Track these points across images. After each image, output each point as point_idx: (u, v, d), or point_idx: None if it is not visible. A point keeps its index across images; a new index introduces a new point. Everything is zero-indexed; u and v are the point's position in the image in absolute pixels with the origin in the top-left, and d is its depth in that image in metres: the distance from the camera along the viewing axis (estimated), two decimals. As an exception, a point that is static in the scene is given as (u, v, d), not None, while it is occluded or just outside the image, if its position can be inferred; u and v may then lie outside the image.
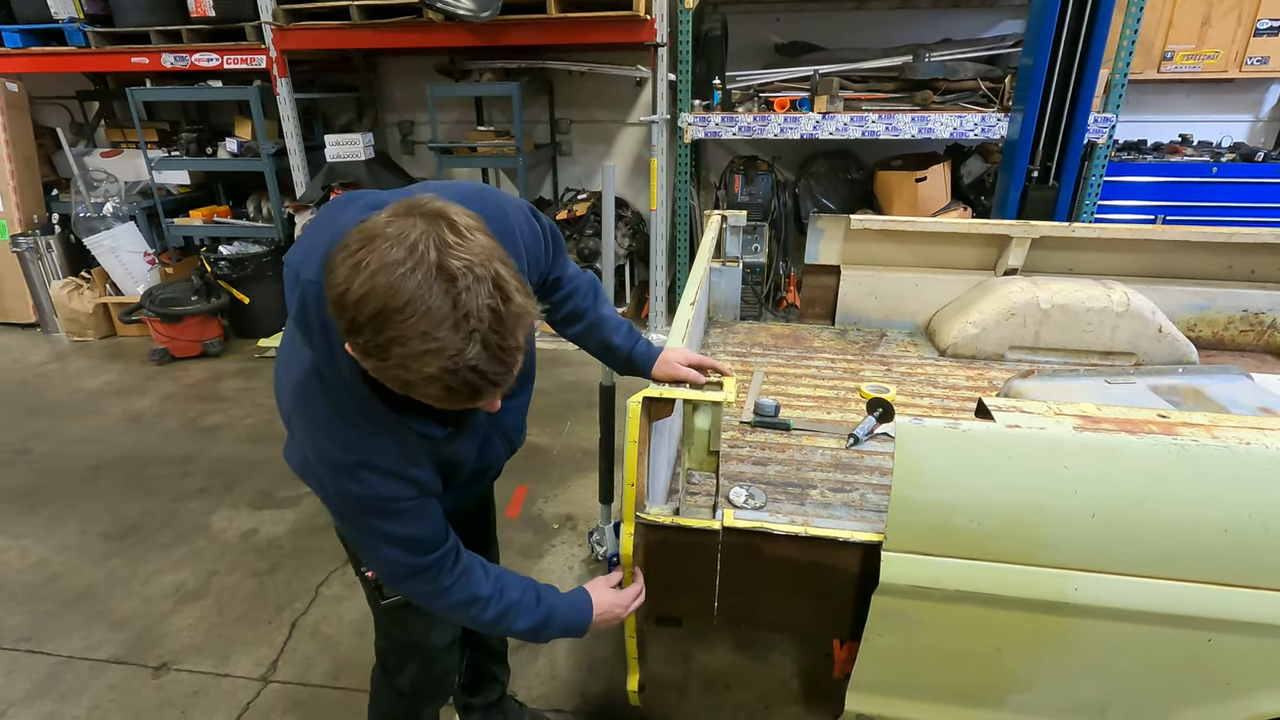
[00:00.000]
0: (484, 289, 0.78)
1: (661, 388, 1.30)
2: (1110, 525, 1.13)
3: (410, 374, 0.79)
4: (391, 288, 0.76)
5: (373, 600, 1.34)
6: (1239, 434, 1.13)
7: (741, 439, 2.07)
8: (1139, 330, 2.47)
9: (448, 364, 0.78)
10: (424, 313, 0.76)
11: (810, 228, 2.96)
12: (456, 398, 0.83)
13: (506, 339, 0.81)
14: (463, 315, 0.77)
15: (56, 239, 4.96)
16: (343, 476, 0.99)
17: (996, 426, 1.17)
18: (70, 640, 2.28)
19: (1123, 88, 3.61)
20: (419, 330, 0.76)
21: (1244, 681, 1.21)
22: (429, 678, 1.47)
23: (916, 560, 1.22)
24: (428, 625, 1.38)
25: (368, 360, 0.82)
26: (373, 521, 1.03)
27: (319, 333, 0.94)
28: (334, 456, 0.99)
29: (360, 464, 0.98)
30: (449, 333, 0.77)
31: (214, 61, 4.49)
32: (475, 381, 0.81)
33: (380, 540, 1.05)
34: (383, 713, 1.53)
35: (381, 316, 0.76)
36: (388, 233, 0.78)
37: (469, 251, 0.79)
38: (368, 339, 0.78)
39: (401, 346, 0.77)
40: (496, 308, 0.79)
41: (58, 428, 3.70)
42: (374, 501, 1.01)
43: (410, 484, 1.02)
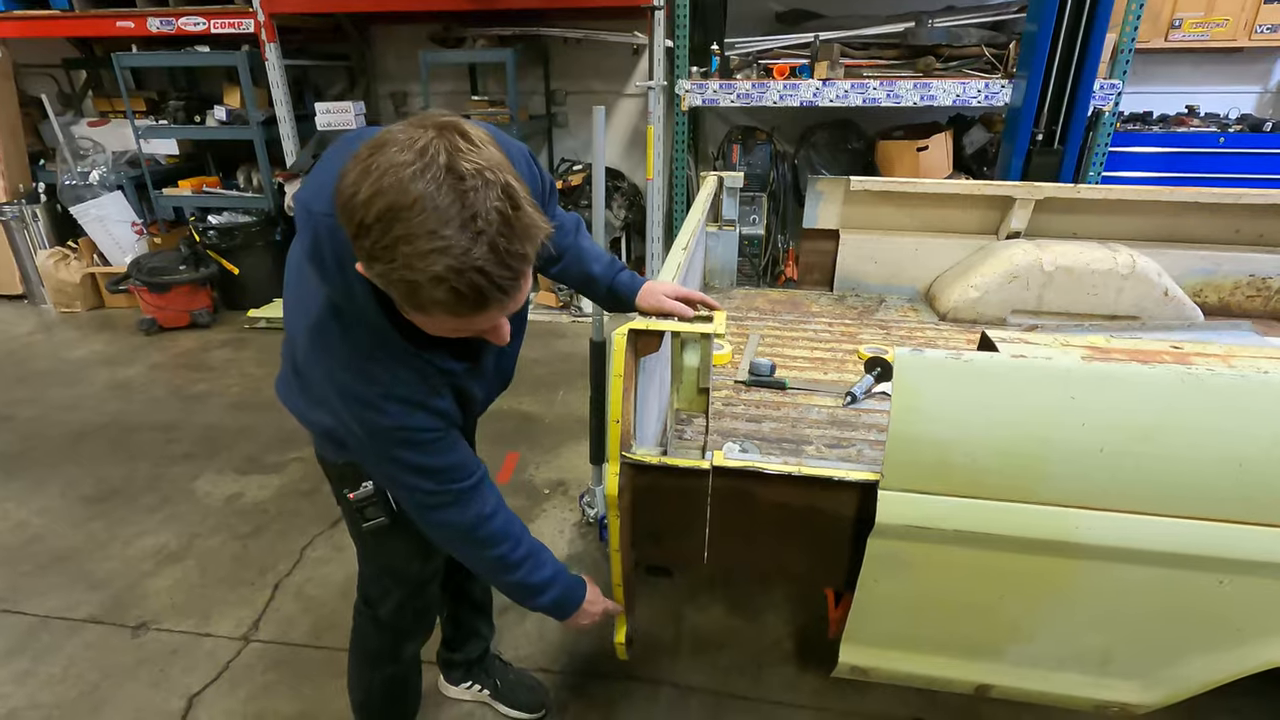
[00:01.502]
0: (493, 193, 0.77)
1: (648, 319, 1.24)
2: (1118, 460, 1.08)
3: (416, 274, 0.77)
4: (400, 186, 0.75)
5: (354, 525, 1.31)
6: (1257, 363, 1.07)
7: (736, 397, 2.01)
8: (1144, 293, 2.41)
9: (454, 263, 0.76)
10: (432, 210, 0.75)
11: (809, 191, 2.89)
12: (463, 304, 0.80)
13: (514, 244, 0.79)
14: (470, 215, 0.76)
15: (42, 208, 4.87)
16: (368, 410, 0.98)
17: (1001, 357, 1.11)
18: (48, 600, 2.23)
19: (1129, 53, 3.53)
20: (426, 228, 0.75)
21: (1256, 627, 1.16)
22: (411, 609, 1.43)
23: (915, 499, 1.16)
24: (410, 552, 1.34)
25: (375, 265, 0.79)
26: (402, 454, 1.03)
27: (333, 266, 0.93)
28: (357, 390, 0.98)
29: (384, 395, 0.98)
30: (456, 231, 0.75)
31: (201, 26, 4.39)
32: (481, 284, 0.78)
33: (409, 472, 1.05)
34: (364, 648, 1.50)
35: (389, 215, 0.75)
36: (399, 139, 0.77)
37: (480, 158, 0.78)
38: (375, 240, 0.77)
39: (408, 245, 0.75)
40: (505, 212, 0.78)
41: (43, 395, 3.64)
42: (400, 432, 1.00)
43: (434, 414, 1.03)
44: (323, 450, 1.28)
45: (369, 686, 1.52)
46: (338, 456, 1.24)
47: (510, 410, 3.35)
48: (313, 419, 1.21)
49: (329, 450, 1.26)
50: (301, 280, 1.01)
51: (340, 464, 1.25)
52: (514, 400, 3.44)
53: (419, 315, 0.85)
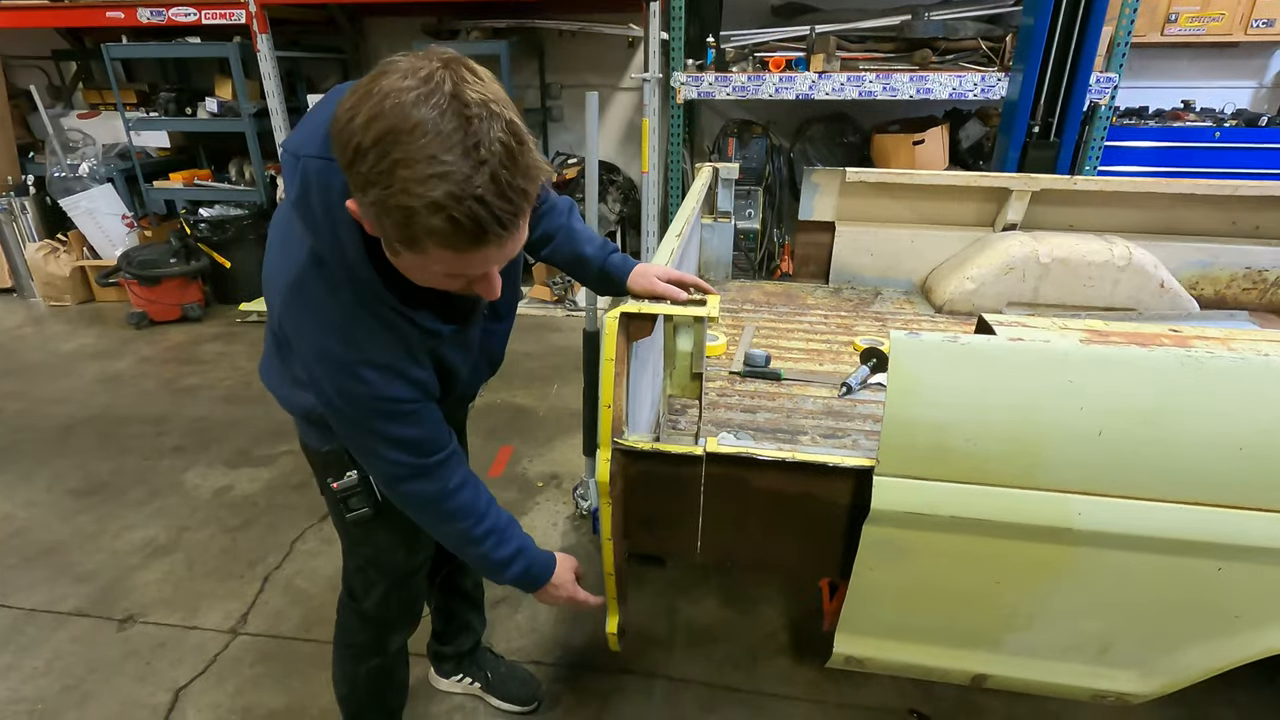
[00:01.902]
0: (498, 124, 0.75)
1: (640, 303, 1.22)
2: (1117, 444, 1.06)
3: (413, 199, 0.73)
4: (401, 110, 0.72)
5: (338, 516, 1.28)
6: (1257, 346, 1.05)
7: (731, 388, 1.99)
8: (1141, 285, 2.40)
9: (454, 189, 0.73)
10: (434, 134, 0.72)
11: (804, 182, 2.88)
12: (461, 235, 0.77)
13: (516, 178, 0.77)
14: (474, 144, 0.73)
15: (31, 201, 4.82)
16: (344, 375, 0.96)
17: (998, 340, 1.09)
18: (33, 594, 2.20)
19: (1126, 46, 3.52)
20: (427, 152, 0.72)
21: (1255, 614, 1.14)
22: (396, 601, 1.41)
23: (910, 485, 1.15)
24: (396, 543, 1.32)
25: (370, 192, 0.76)
26: (376, 424, 1.01)
27: (320, 212, 0.89)
28: (335, 353, 0.95)
29: (362, 361, 0.95)
30: (458, 158, 0.73)
31: (192, 16, 4.34)
32: (480, 214, 0.75)
33: (383, 443, 1.03)
34: (349, 641, 1.47)
35: (389, 138, 0.72)
36: (401, 67, 0.75)
37: (487, 90, 0.76)
38: (371, 164, 0.74)
39: (407, 169, 0.73)
40: (510, 145, 0.76)
41: (31, 388, 3.60)
42: (376, 402, 0.98)
43: (412, 384, 1.00)
44: (306, 438, 1.26)
45: (354, 679, 1.50)
46: (321, 444, 1.22)
47: (504, 404, 3.33)
48: (295, 401, 1.18)
49: (313, 437, 1.24)
50: (286, 238, 0.98)
51: (324, 452, 1.22)
52: (507, 394, 3.42)
53: (411, 255, 0.82)
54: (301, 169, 0.90)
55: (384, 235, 0.82)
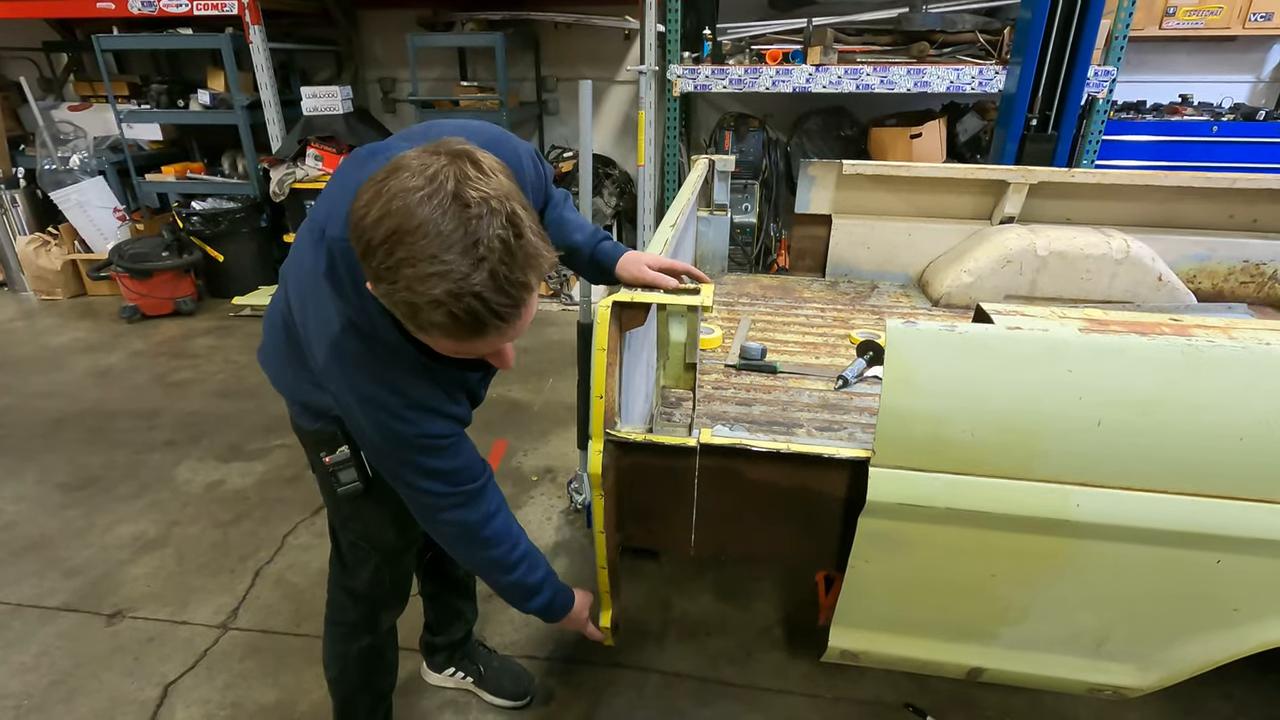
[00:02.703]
0: (497, 221, 0.79)
1: (633, 292, 1.20)
2: (1116, 434, 1.05)
3: (416, 296, 0.79)
4: (407, 210, 0.77)
5: (329, 491, 1.28)
6: (1259, 335, 1.04)
7: (726, 381, 1.98)
8: (1138, 278, 2.39)
9: (453, 288, 0.78)
10: (435, 235, 0.77)
11: (801, 175, 2.86)
12: (461, 329, 0.82)
13: (515, 273, 0.81)
14: (472, 242, 0.78)
15: (22, 194, 4.77)
16: (390, 418, 1.01)
17: (996, 329, 1.08)
18: (20, 588, 2.17)
19: (1124, 40, 3.50)
20: (428, 252, 0.77)
21: (1253, 606, 1.13)
22: (388, 578, 1.41)
23: (906, 476, 1.13)
24: (386, 518, 1.31)
25: (379, 285, 0.82)
26: (419, 459, 1.06)
27: (350, 287, 0.97)
28: (377, 397, 1.01)
29: (407, 404, 1.01)
30: (457, 257, 0.77)
31: (183, 7, 4.30)
32: (479, 310, 0.80)
33: (421, 475, 1.08)
34: (340, 620, 1.46)
35: (394, 237, 0.78)
36: (412, 165, 0.80)
37: (488, 187, 0.80)
38: (380, 261, 0.79)
39: (410, 268, 0.78)
40: (508, 240, 0.80)
41: (20, 382, 3.56)
42: (421, 439, 1.04)
43: (451, 420, 1.07)
44: (299, 418, 1.26)
45: (345, 659, 1.49)
46: (314, 424, 1.22)
47: (499, 398, 3.31)
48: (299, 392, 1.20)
49: (305, 418, 1.23)
50: (318, 292, 1.02)
51: (315, 429, 1.22)
52: (503, 388, 3.40)
53: (422, 335, 0.87)
54: (329, 247, 0.98)
55: (399, 318, 0.87)
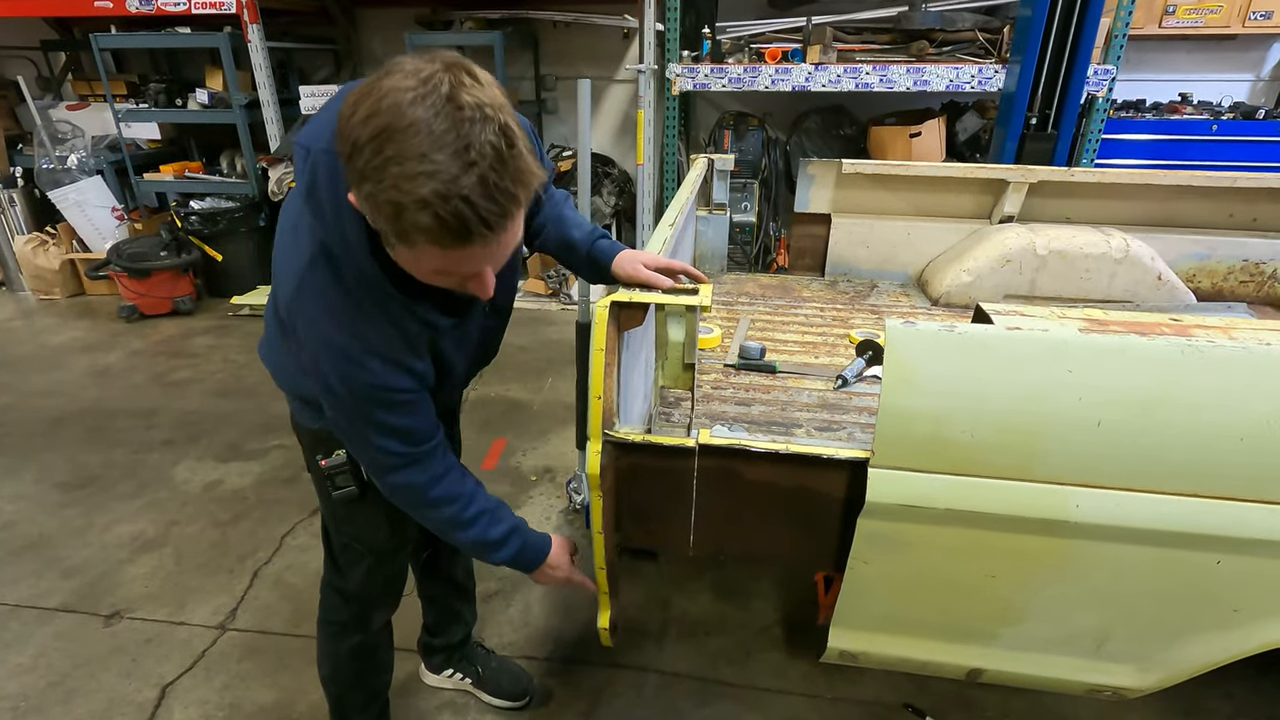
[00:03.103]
0: (490, 128, 0.77)
1: (631, 291, 1.19)
2: (1116, 435, 1.04)
3: (403, 195, 0.75)
4: (397, 108, 0.75)
5: (324, 494, 1.28)
6: (1259, 335, 1.03)
7: (725, 381, 1.97)
8: (1138, 277, 2.38)
9: (441, 188, 0.75)
10: (425, 134, 0.74)
11: (800, 174, 2.85)
12: (446, 234, 0.78)
13: (504, 181, 0.78)
14: (464, 145, 0.75)
15: (20, 193, 4.76)
16: (349, 364, 0.98)
17: (995, 329, 1.07)
18: (18, 588, 2.17)
19: (1123, 39, 3.50)
20: (418, 150, 0.74)
21: (1253, 607, 1.13)
22: (380, 579, 1.40)
23: (906, 477, 1.13)
24: (380, 521, 1.31)
25: (364, 185, 0.78)
26: (374, 412, 1.03)
27: (329, 204, 0.93)
28: (341, 343, 0.97)
29: (367, 351, 0.98)
30: (447, 158, 0.75)
31: (181, 6, 4.29)
32: (466, 215, 0.77)
33: (378, 431, 1.05)
34: (332, 620, 1.46)
35: (383, 136, 0.75)
36: (405, 68, 0.77)
37: (483, 95, 0.78)
38: (366, 160, 0.76)
39: (398, 165, 0.75)
40: (500, 149, 0.77)
41: (19, 381, 3.56)
42: (378, 391, 1.00)
43: (412, 376, 1.03)
44: (299, 415, 1.26)
45: (336, 658, 1.49)
46: (313, 422, 1.22)
47: (498, 397, 3.30)
48: (294, 383, 1.20)
49: (305, 416, 1.23)
50: (295, 227, 0.99)
51: (314, 430, 1.22)
52: (501, 387, 3.39)
53: (404, 249, 0.83)
54: (311, 162, 0.93)
55: (380, 229, 0.84)
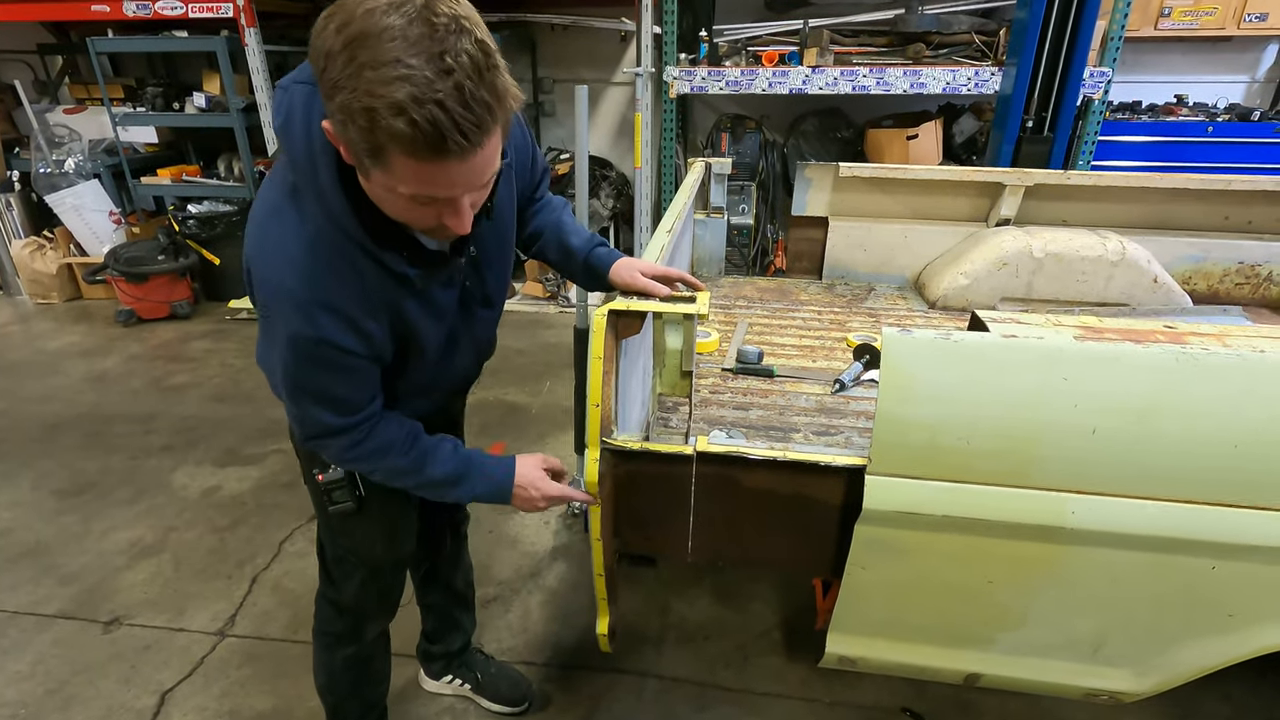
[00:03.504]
0: (468, 39, 0.75)
1: (629, 300, 1.20)
2: (1112, 442, 1.05)
3: (376, 100, 0.73)
4: (371, 17, 0.74)
5: (320, 507, 1.28)
6: (1252, 343, 1.04)
7: (723, 385, 1.98)
8: (1134, 280, 2.39)
9: (416, 92, 0.73)
10: (400, 39, 0.73)
11: (797, 178, 2.86)
12: (421, 142, 0.75)
13: (481, 91, 0.76)
14: (439, 51, 0.74)
15: (16, 197, 4.76)
16: (298, 313, 0.95)
17: (991, 336, 1.08)
18: (16, 595, 2.17)
19: (1119, 41, 3.51)
20: (392, 55, 0.73)
21: (1248, 612, 1.13)
22: (375, 590, 1.40)
23: (902, 484, 1.13)
24: (375, 535, 1.31)
25: (338, 96, 0.76)
26: (314, 373, 1.00)
27: (301, 135, 0.90)
28: (292, 289, 0.94)
29: (317, 302, 0.94)
30: (423, 63, 0.73)
31: (179, 10, 4.28)
32: (441, 120, 0.74)
33: (314, 398, 1.03)
34: (326, 630, 1.46)
35: (357, 42, 0.74)
36: None
37: (460, 9, 0.77)
38: (339, 68, 0.75)
39: (372, 70, 0.73)
40: (477, 58, 0.75)
41: (16, 387, 3.56)
42: (323, 347, 0.96)
43: (362, 337, 0.99)
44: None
45: (331, 667, 1.49)
46: None
47: (496, 401, 3.31)
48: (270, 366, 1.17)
49: None
50: (269, 181, 0.98)
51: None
52: (499, 390, 3.39)
53: (378, 172, 0.81)
54: (289, 94, 0.92)
55: (353, 151, 0.81)
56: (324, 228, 0.93)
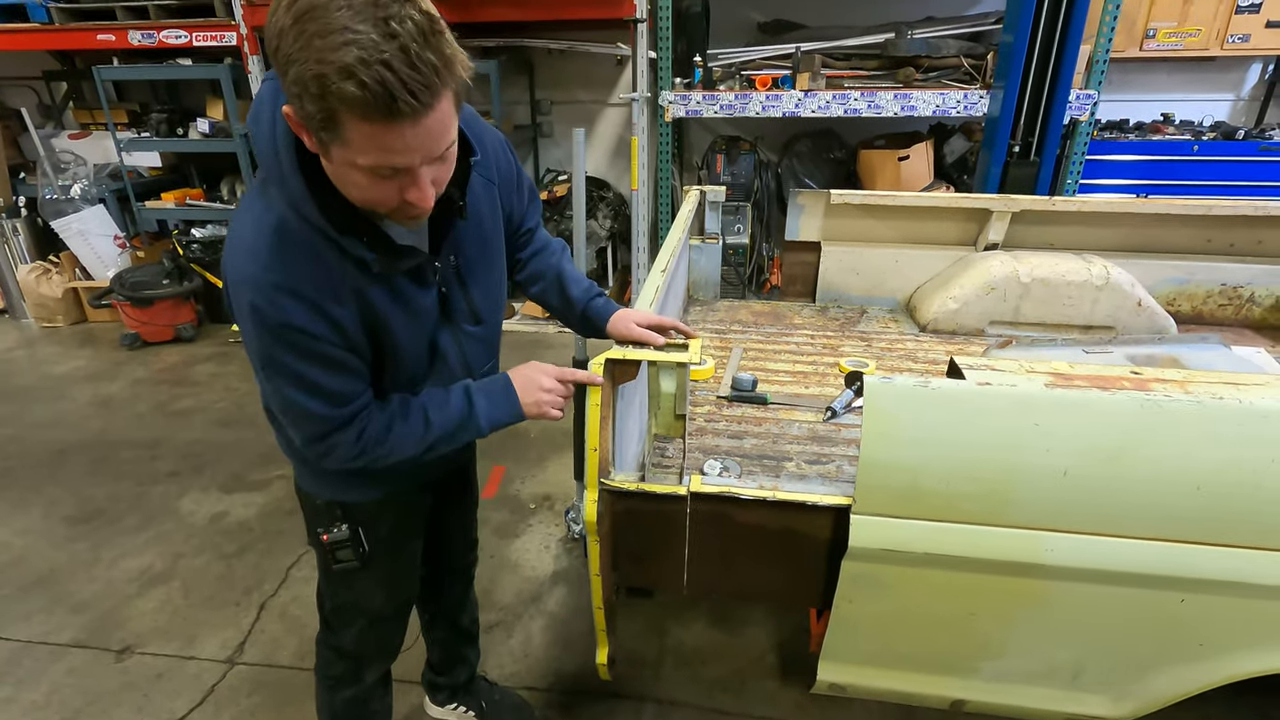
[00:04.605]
0: (414, 9, 0.79)
1: (625, 349, 1.25)
2: (1082, 483, 1.10)
3: (326, 67, 0.77)
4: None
5: (323, 564, 1.32)
6: (1212, 389, 1.10)
7: (718, 413, 2.03)
8: (1119, 303, 2.45)
9: (363, 54, 0.76)
10: (346, 7, 0.77)
11: (790, 204, 2.92)
12: (372, 104, 0.78)
13: (427, 53, 0.79)
14: (384, 17, 0.77)
15: (23, 222, 4.83)
16: (262, 298, 0.94)
17: (967, 384, 1.14)
18: (30, 624, 2.22)
19: (1104, 64, 3.58)
20: (340, 24, 0.77)
21: (1217, 641, 1.19)
22: (374, 639, 1.44)
23: (886, 523, 1.19)
24: (375, 588, 1.34)
25: (291, 69, 0.79)
26: (290, 360, 0.97)
27: (267, 122, 0.94)
28: (252, 274, 0.94)
29: (277, 285, 0.94)
30: (369, 27, 0.77)
31: (183, 39, 4.37)
32: (389, 80, 0.77)
33: (297, 385, 1.00)
34: (327, 674, 1.49)
35: (306, 15, 0.78)
36: None
37: None
38: (290, 42, 0.78)
39: (321, 39, 0.77)
40: (421, 23, 0.79)
41: (23, 412, 3.61)
42: (291, 332, 0.95)
43: (329, 322, 0.98)
44: (302, 479, 1.28)
45: (333, 708, 1.52)
46: (318, 490, 1.24)
47: (496, 423, 3.35)
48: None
49: (308, 479, 1.26)
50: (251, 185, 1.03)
51: (318, 502, 1.25)
52: (500, 413, 3.44)
53: (337, 148, 0.84)
54: (260, 90, 0.97)
55: (311, 128, 0.84)
56: (285, 215, 0.94)
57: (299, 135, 0.88)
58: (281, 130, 0.91)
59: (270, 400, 1.08)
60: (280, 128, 0.91)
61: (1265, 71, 4.29)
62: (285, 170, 0.93)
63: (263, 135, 0.94)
